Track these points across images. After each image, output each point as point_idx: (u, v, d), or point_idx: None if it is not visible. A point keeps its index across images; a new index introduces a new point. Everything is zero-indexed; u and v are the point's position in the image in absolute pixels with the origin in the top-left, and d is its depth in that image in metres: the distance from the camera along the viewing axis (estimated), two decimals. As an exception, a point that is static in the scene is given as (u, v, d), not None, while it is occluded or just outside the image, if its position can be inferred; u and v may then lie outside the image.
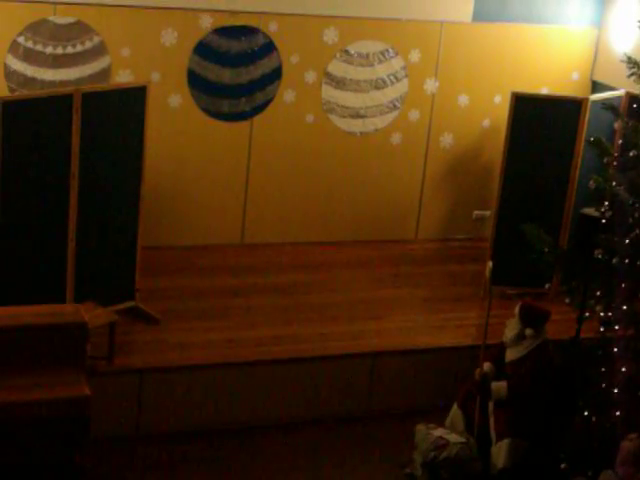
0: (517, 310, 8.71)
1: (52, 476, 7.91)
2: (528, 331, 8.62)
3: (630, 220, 7.97)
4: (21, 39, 10.04)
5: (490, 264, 8.84)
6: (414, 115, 11.77)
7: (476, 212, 12.25)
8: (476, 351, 8.84)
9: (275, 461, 8.61)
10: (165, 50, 10.61)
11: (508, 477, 8.48)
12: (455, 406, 8.87)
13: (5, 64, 10.06)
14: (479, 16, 11.59)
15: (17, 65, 10.09)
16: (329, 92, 11.36)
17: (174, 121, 10.76)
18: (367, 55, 11.36)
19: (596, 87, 12.03)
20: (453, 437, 8.54)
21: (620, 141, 8.89)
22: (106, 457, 8.29)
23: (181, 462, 8.46)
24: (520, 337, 8.65)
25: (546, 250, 8.60)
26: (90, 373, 8.14)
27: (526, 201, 10.39)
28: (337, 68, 11.30)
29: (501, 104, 11.51)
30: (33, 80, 10.17)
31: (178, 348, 9.09)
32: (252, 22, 10.83)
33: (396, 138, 11.76)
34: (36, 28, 10.07)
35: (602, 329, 8.24)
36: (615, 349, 7.93)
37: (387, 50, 11.42)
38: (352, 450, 8.89)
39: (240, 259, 11.12)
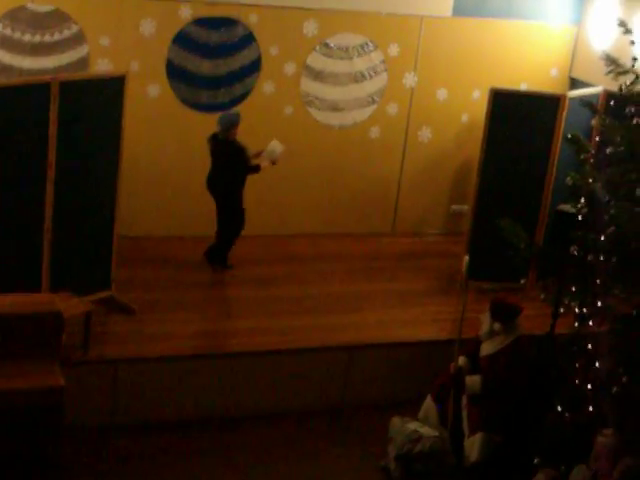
0: (489, 305, 8.76)
1: (25, 466, 7.89)
2: (496, 326, 8.66)
3: (606, 217, 8.00)
4: (-1, 26, 9.99)
5: (467, 258, 8.87)
6: (393, 109, 11.78)
7: (453, 207, 12.28)
8: (451, 345, 8.87)
9: (251, 452, 8.62)
10: (144, 40, 10.57)
11: (481, 471, 8.54)
12: (429, 399, 8.91)
13: (-18, 51, 10.01)
14: (459, 11, 11.60)
15: (-5, 53, 10.04)
16: (308, 85, 11.36)
17: (152, 111, 10.73)
18: (346, 48, 11.36)
19: (574, 84, 12.09)
20: (427, 430, 8.57)
21: (597, 138, 8.93)
22: (80, 447, 8.27)
23: (156, 453, 8.45)
24: (492, 332, 8.69)
25: (522, 246, 8.63)
26: (65, 363, 8.12)
27: (503, 196, 10.42)
28: (316, 61, 11.30)
29: (480, 99, 11.54)
30: (10, 68, 10.10)
31: (154, 339, 9.07)
32: (232, 13, 10.81)
33: (374, 132, 11.77)
34: (14, 15, 10.00)
35: (577, 325, 8.29)
36: (590, 345, 7.98)
37: (366, 43, 11.42)
38: (328, 442, 8.91)
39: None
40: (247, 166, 10.29)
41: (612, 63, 8.16)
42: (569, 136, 8.82)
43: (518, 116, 10.33)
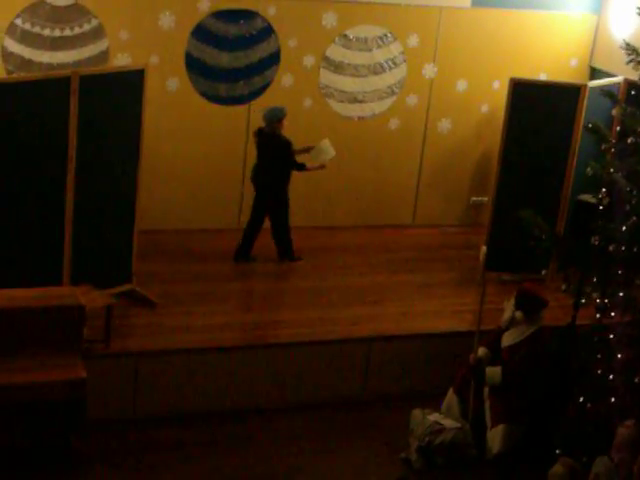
0: (515, 292, 8.73)
1: (48, 458, 7.94)
2: (518, 314, 8.63)
3: (627, 207, 7.97)
4: (19, 21, 10.01)
5: (484, 249, 8.84)
6: (412, 100, 11.76)
7: (473, 198, 12.24)
8: (471, 336, 8.85)
9: (272, 445, 8.63)
10: (163, 33, 10.58)
11: (503, 462, 8.52)
12: (451, 391, 8.90)
13: (3, 46, 10.03)
14: (478, 1, 11.56)
15: (15, 47, 10.06)
16: (327, 77, 11.34)
17: (172, 104, 10.74)
18: (366, 40, 11.34)
19: (594, 73, 12.02)
20: (448, 422, 8.58)
21: (618, 128, 8.87)
22: (102, 440, 8.30)
23: (177, 445, 8.48)
24: (513, 320, 8.66)
25: (543, 236, 8.60)
26: (87, 356, 8.16)
27: (523, 187, 10.38)
28: (335, 53, 11.28)
29: (500, 90, 11.50)
30: (31, 62, 10.13)
31: (175, 332, 9.10)
32: (251, 6, 10.81)
33: (394, 123, 11.75)
34: (34, 10, 10.03)
35: (598, 316, 8.26)
36: (611, 336, 7.95)
37: (386, 35, 11.40)
38: (348, 435, 8.91)
39: (237, 243, 11.11)
40: (293, 162, 10.39)
41: (633, 52, 8.12)
42: (589, 126, 8.78)
43: (538, 106, 10.28)
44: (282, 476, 8.27)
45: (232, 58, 10.91)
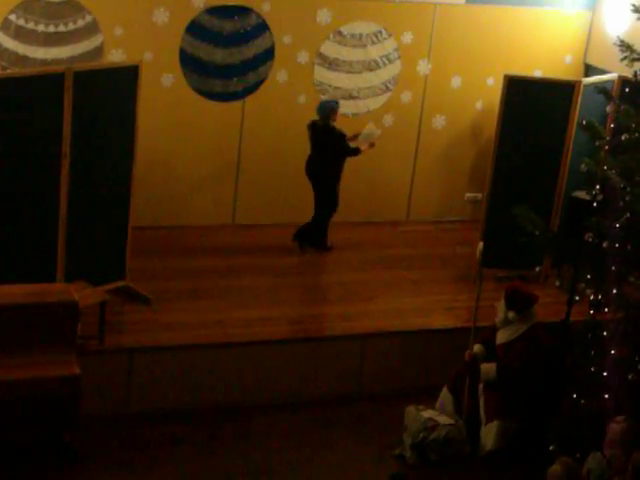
0: (504, 293, 8.75)
1: (42, 455, 7.93)
2: (510, 314, 8.64)
3: (621, 204, 7.98)
4: (13, 17, 9.99)
5: (481, 245, 8.85)
6: (407, 97, 11.76)
7: (468, 194, 12.25)
8: (466, 333, 8.86)
9: (266, 441, 8.63)
10: (158, 29, 10.57)
11: (497, 459, 8.53)
12: (445, 388, 8.91)
13: (-3, 42, 10.03)
14: (473, -2, 11.59)
15: (9, 43, 10.04)
16: (322, 73, 11.34)
17: (166, 101, 10.73)
18: (360, 36, 11.34)
19: (589, 70, 12.04)
20: (442, 419, 8.58)
21: (612, 124, 8.89)
22: (96, 436, 8.29)
23: (171, 442, 8.47)
24: (507, 320, 8.68)
25: (537, 233, 8.60)
26: (80, 352, 8.16)
27: (518, 184, 10.39)
28: (330, 49, 11.28)
29: (494, 86, 11.50)
30: (25, 58, 10.12)
31: (169, 328, 9.10)
32: (245, 2, 10.80)
33: (388, 120, 11.75)
34: (28, 6, 10.01)
35: (592, 312, 8.27)
36: (604, 332, 7.96)
37: (380, 31, 11.39)
38: (342, 431, 8.91)
39: (231, 240, 11.12)
40: (349, 150, 10.76)
41: (627, 49, 8.13)
42: (584, 123, 8.78)
43: (532, 103, 10.29)
44: (276, 473, 8.27)
45: (226, 54, 10.90)
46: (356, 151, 10.79)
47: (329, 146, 10.71)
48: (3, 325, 7.77)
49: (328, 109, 10.66)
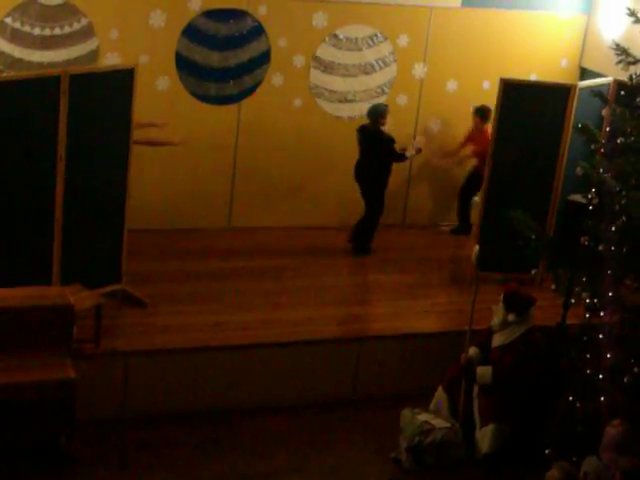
0: (502, 295, 8.75)
1: (37, 458, 7.92)
2: (510, 317, 8.65)
3: (617, 207, 7.99)
4: (8, 20, 9.99)
5: (476, 249, 8.86)
6: (402, 100, 11.77)
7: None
8: (462, 336, 8.86)
9: (261, 445, 8.63)
10: (153, 32, 10.57)
11: (492, 462, 8.53)
12: (440, 390, 8.90)
13: (-8, 45, 10.03)
14: (469, 1, 11.58)
15: (4, 46, 10.04)
16: (317, 76, 11.35)
17: (162, 104, 10.72)
18: (356, 40, 11.35)
19: (584, 74, 12.05)
20: (438, 422, 8.58)
21: (608, 128, 8.90)
22: (91, 439, 8.28)
23: (167, 445, 8.47)
24: (506, 323, 8.68)
25: (533, 236, 8.62)
26: (76, 356, 8.15)
27: (514, 187, 10.39)
28: (326, 52, 11.29)
29: (490, 90, 11.50)
30: (20, 61, 10.12)
31: (164, 331, 9.09)
32: (241, 5, 10.80)
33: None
34: (24, 9, 10.01)
35: (588, 315, 8.27)
36: (600, 335, 7.96)
37: (376, 35, 11.40)
38: (338, 435, 8.91)
39: (227, 243, 11.11)
40: (396, 155, 10.98)
41: (622, 53, 8.14)
42: (579, 126, 8.80)
43: (528, 107, 10.29)
44: (272, 477, 8.27)
45: (222, 57, 10.91)
46: (402, 157, 11.05)
47: (377, 150, 10.91)
48: (-1, 328, 7.78)
49: (377, 113, 10.88)
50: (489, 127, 11.07)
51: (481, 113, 11.39)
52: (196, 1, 10.62)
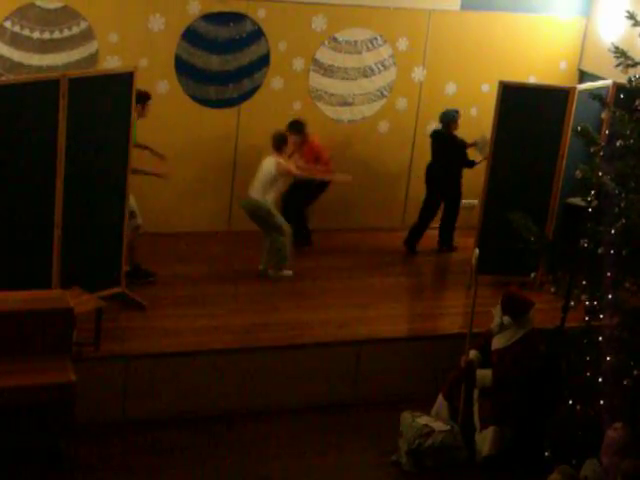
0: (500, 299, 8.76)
1: (37, 462, 7.92)
2: (506, 319, 8.64)
3: (616, 210, 7.99)
4: (8, 23, 10.00)
5: (476, 252, 8.86)
6: (402, 103, 11.78)
7: (463, 201, 12.23)
8: (462, 339, 8.86)
9: (261, 448, 8.62)
10: (153, 36, 10.59)
11: (492, 464, 8.53)
12: (440, 397, 8.90)
13: (-8, 49, 10.04)
14: (467, 4, 11.60)
15: (4, 50, 10.05)
16: (317, 79, 11.36)
17: (161, 107, 10.72)
18: (355, 43, 11.36)
19: (584, 77, 12.06)
20: (438, 425, 8.58)
21: (607, 131, 8.92)
22: (91, 443, 8.28)
23: (167, 448, 8.46)
24: (502, 325, 8.68)
25: (532, 239, 8.62)
26: (76, 359, 8.15)
27: (513, 190, 10.39)
28: (325, 56, 11.30)
29: (489, 93, 11.51)
30: (20, 65, 10.13)
31: (164, 335, 9.09)
32: (240, 9, 10.82)
33: (383, 126, 11.77)
34: (23, 12, 10.03)
35: (587, 318, 8.27)
36: (600, 338, 7.96)
37: (375, 38, 11.42)
38: (338, 438, 8.90)
39: (227, 246, 11.12)
40: (467, 161, 11.33)
41: (621, 55, 8.15)
42: (578, 129, 8.80)
43: (527, 109, 10.30)
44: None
45: (222, 61, 10.92)
46: (472, 163, 11.32)
47: (450, 154, 11.23)
48: (-2, 332, 7.77)
49: (448, 118, 11.15)
50: (313, 137, 10.89)
51: (292, 129, 10.74)
52: (196, 5, 10.63)
